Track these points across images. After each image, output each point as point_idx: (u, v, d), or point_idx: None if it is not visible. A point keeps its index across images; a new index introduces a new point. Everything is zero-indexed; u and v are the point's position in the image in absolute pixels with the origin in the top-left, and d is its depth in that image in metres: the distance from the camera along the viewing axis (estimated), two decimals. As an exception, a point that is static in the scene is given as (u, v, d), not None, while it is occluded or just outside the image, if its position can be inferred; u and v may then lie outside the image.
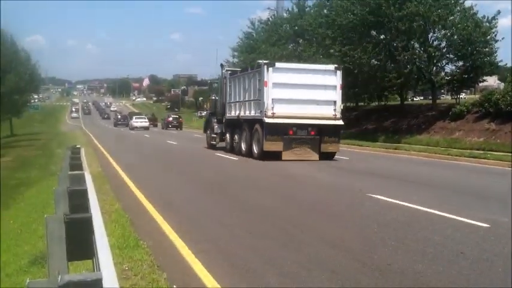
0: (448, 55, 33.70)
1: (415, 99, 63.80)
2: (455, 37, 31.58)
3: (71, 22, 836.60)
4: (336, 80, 20.75)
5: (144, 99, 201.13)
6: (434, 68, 33.93)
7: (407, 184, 14.29)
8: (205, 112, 33.47)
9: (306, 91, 20.40)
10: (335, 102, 20.68)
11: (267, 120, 19.92)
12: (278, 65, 21.29)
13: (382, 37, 34.53)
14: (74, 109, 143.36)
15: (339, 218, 9.30)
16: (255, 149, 21.02)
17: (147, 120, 68.40)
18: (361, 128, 37.46)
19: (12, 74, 47.44)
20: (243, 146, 22.56)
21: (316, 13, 42.23)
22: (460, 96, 38.87)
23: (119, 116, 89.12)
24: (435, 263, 6.49)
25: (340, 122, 20.94)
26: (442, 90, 53.12)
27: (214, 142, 26.96)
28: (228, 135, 25.15)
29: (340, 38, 35.44)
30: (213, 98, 28.59)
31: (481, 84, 40.07)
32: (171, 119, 68.62)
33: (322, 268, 6.30)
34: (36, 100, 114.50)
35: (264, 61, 21.28)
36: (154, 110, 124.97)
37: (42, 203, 13.26)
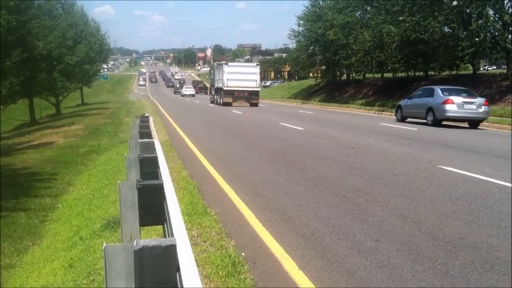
0: (524, 22, 31.89)
1: (488, 68, 61.12)
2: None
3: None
4: (257, 70, 45.15)
5: (209, 68, 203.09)
6: (510, 36, 32.24)
7: (480, 156, 13.74)
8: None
9: (242, 75, 43.04)
10: (256, 80, 43.98)
11: (224, 88, 43.25)
12: (230, 63, 47.81)
13: (454, 4, 33.06)
14: (141, 78, 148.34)
15: (407, 190, 9.06)
16: (221, 101, 44.74)
17: (193, 88, 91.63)
18: (429, 98, 36.32)
19: (82, 44, 48.66)
20: (218, 100, 46.60)
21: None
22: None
23: (177, 85, 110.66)
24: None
25: (258, 89, 45.28)
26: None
27: (212, 100, 51.39)
28: (215, 96, 49.60)
29: (409, 5, 34.24)
30: (212, 77, 55.54)
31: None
32: None
33: (391, 239, 6.18)
34: (105, 70, 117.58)
35: (223, 62, 49.48)
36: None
37: (112, 170, 13.69)
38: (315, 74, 66.12)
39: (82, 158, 18.47)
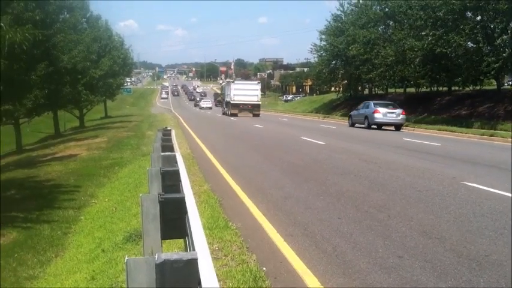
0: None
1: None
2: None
3: (163, 6, 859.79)
4: (258, 87, 54.22)
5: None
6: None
7: (503, 172, 13.50)
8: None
9: (246, 91, 51.52)
10: (257, 95, 52.79)
11: (231, 102, 51.70)
12: (236, 81, 57.16)
13: (478, 19, 32.81)
14: (164, 92, 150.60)
15: (430, 206, 8.95)
16: (229, 113, 52.57)
17: (210, 102, 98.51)
18: (452, 114, 35.99)
19: (106, 58, 49.28)
20: (227, 112, 54.07)
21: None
22: None
23: (198, 98, 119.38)
24: (538, 256, 6.09)
25: (259, 102, 53.83)
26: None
27: (223, 111, 59.31)
28: (226, 108, 57.37)
29: (432, 19, 34.06)
30: (223, 92, 64.36)
31: None
32: None
33: (415, 256, 6.09)
34: (128, 83, 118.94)
35: (230, 80, 66.83)
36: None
37: (134, 183, 13.78)
38: (337, 89, 66.08)
39: (105, 170, 18.62)
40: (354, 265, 5.85)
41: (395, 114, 31.63)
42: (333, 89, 71.22)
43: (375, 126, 32.19)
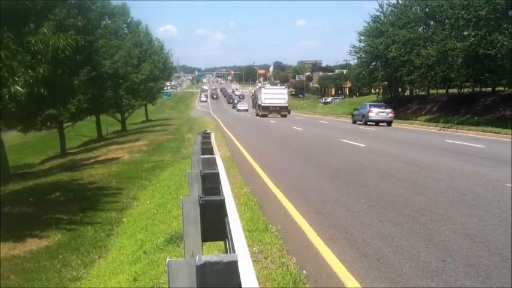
0: None
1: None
2: None
3: (202, 11, 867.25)
4: (285, 91, 62.23)
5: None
6: None
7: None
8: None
9: (275, 95, 58.01)
10: (284, 98, 58.49)
11: (262, 104, 58.27)
12: (266, 87, 68.57)
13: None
14: (203, 95, 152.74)
15: (474, 209, 8.74)
16: (260, 114, 58.28)
17: (246, 104, 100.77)
18: (496, 115, 35.11)
19: (147, 63, 49.84)
20: (259, 113, 58.93)
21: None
22: None
23: (236, 101, 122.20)
24: None
25: (286, 105, 59.00)
26: None
27: (256, 113, 63.57)
28: (258, 110, 62.01)
29: (474, 19, 33.31)
30: (255, 96, 74.63)
31: None
32: None
33: (458, 260, 5.96)
34: (168, 87, 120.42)
35: (261, 85, 79.43)
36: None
37: (175, 185, 13.91)
38: (377, 90, 65.36)
39: (146, 173, 18.87)
40: (395, 269, 5.76)
41: (385, 113, 38.48)
42: (372, 90, 70.48)
43: (373, 123, 37.87)
